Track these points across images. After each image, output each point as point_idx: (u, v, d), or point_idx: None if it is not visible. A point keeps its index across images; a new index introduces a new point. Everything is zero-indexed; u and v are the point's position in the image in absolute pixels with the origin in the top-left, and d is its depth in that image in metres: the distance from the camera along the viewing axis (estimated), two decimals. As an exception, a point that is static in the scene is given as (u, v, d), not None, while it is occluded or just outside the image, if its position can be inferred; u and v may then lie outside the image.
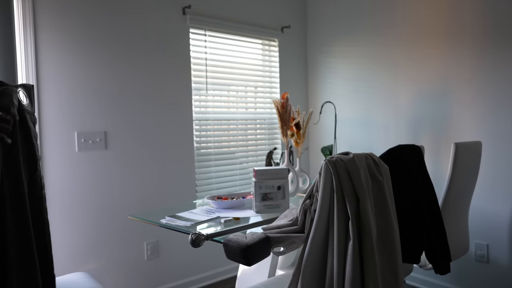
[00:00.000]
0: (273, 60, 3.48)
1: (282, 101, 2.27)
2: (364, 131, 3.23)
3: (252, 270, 2.09)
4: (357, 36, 3.25)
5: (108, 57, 2.56)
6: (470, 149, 2.02)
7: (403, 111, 2.98)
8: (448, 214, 1.91)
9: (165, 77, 2.81)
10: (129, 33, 2.65)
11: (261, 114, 3.42)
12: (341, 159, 1.31)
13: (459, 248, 2.03)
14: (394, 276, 1.33)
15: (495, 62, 2.51)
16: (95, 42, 2.51)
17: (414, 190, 1.57)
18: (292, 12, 3.58)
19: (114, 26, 2.58)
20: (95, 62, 2.51)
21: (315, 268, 1.27)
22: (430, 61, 2.81)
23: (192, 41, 2.94)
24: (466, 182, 2.04)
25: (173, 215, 1.80)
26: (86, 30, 2.47)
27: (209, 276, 3.05)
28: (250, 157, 3.34)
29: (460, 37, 2.66)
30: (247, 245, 1.26)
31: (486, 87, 2.56)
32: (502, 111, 2.49)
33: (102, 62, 2.53)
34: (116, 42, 2.59)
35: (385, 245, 1.34)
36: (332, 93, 3.45)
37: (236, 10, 3.18)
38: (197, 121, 2.99)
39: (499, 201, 2.52)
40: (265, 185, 1.82)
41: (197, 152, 2.99)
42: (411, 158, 1.62)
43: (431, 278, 2.80)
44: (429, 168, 2.78)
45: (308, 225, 1.30)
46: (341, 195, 1.27)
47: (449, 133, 2.73)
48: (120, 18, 2.61)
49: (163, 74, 2.80)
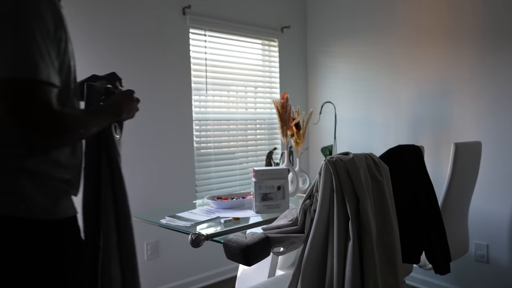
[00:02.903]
0: (273, 60, 3.48)
1: (282, 101, 2.27)
2: (364, 131, 3.23)
3: (252, 270, 2.09)
4: (357, 36, 3.25)
5: (108, 56, 2.56)
6: (470, 149, 2.02)
7: (403, 111, 2.98)
8: (448, 214, 1.91)
9: (165, 77, 2.81)
10: (129, 33, 2.64)
11: (261, 114, 3.42)
12: (341, 159, 1.31)
13: (459, 248, 2.03)
14: (394, 276, 1.33)
15: (495, 62, 2.51)
16: (97, 41, 2.51)
17: (414, 190, 1.57)
18: (292, 12, 3.58)
19: (114, 26, 2.58)
20: (96, 60, 2.51)
21: (315, 268, 1.27)
22: (430, 61, 2.81)
23: (192, 41, 2.94)
24: (466, 182, 2.04)
25: (173, 215, 1.80)
26: (88, 28, 2.47)
27: (209, 276, 3.05)
28: (250, 157, 3.34)
29: (459, 37, 2.66)
30: (247, 245, 1.26)
31: (485, 87, 2.56)
32: (502, 111, 2.49)
33: (102, 60, 2.53)
34: (116, 42, 2.59)
35: (385, 245, 1.34)
36: (332, 93, 3.45)
37: (236, 10, 3.18)
38: (197, 121, 2.99)
39: (499, 201, 2.52)
40: (265, 185, 1.82)
41: (197, 152, 2.99)
42: (411, 158, 1.62)
43: (431, 278, 2.80)
44: (429, 168, 2.77)
45: (308, 225, 1.30)
46: (341, 195, 1.27)
47: (449, 133, 2.73)
48: (120, 18, 2.61)
49: (163, 74, 2.80)
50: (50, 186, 0.99)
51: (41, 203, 0.96)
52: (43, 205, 0.96)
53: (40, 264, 0.95)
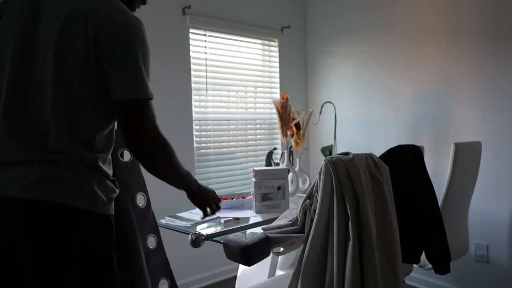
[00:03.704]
0: (273, 60, 3.48)
1: (282, 101, 2.27)
2: (364, 131, 3.23)
3: (252, 270, 2.09)
4: (357, 36, 3.25)
5: (108, 57, 2.56)
6: (470, 149, 2.02)
7: (403, 111, 2.98)
8: (448, 214, 1.91)
9: (165, 77, 2.81)
10: (129, 33, 2.64)
11: (261, 114, 3.42)
12: (341, 159, 1.31)
13: (459, 248, 2.03)
14: (394, 276, 1.33)
15: (497, 62, 2.50)
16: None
17: (414, 190, 1.57)
18: (292, 12, 3.58)
19: (114, 26, 2.58)
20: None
21: (315, 268, 1.27)
22: (431, 60, 2.81)
23: (192, 41, 2.94)
24: (466, 182, 2.04)
25: (173, 215, 1.81)
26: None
27: (209, 276, 3.05)
28: (250, 157, 3.34)
29: (461, 36, 2.66)
30: (247, 245, 1.26)
31: (487, 87, 2.56)
32: (503, 111, 2.49)
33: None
34: (116, 42, 2.59)
35: (384, 245, 1.34)
36: (332, 93, 3.45)
37: (236, 10, 3.18)
38: (197, 121, 2.99)
39: (499, 201, 2.52)
40: (265, 185, 1.82)
41: (197, 152, 2.99)
42: (411, 158, 1.62)
43: (431, 278, 2.80)
44: (429, 168, 2.76)
45: (308, 225, 1.30)
46: (341, 195, 1.27)
47: (449, 133, 2.73)
48: (120, 18, 2.60)
49: (163, 74, 2.80)
50: (106, 184, 1.12)
51: (102, 198, 1.08)
52: (103, 201, 1.08)
53: (97, 252, 1.07)
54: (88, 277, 1.04)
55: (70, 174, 1.04)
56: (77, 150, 1.05)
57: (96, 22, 1.03)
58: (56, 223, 1.00)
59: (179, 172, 1.29)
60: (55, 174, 1.02)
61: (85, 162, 1.06)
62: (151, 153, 1.15)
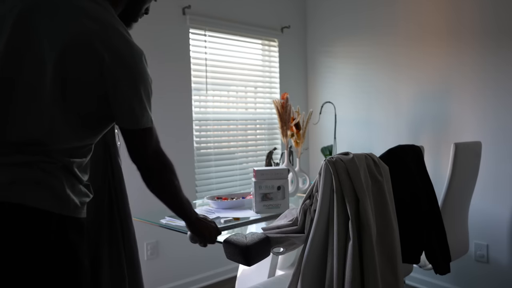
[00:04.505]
0: (273, 60, 3.48)
1: (282, 101, 2.27)
2: (364, 131, 3.23)
3: (252, 270, 2.09)
4: (357, 36, 3.25)
5: (108, 57, 2.56)
6: (470, 149, 2.02)
7: (403, 111, 2.98)
8: (448, 214, 1.91)
9: (165, 77, 2.81)
10: (129, 33, 2.64)
11: (261, 114, 3.42)
12: (341, 159, 1.31)
13: (459, 248, 2.03)
14: (394, 276, 1.33)
15: (498, 61, 2.50)
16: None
17: (414, 190, 1.57)
18: (292, 12, 3.58)
19: (114, 26, 2.58)
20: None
21: (315, 268, 1.27)
22: (431, 60, 2.81)
23: (192, 41, 2.94)
24: (466, 182, 2.04)
25: (173, 215, 1.80)
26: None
27: (209, 276, 3.05)
28: (250, 157, 3.34)
29: (462, 35, 2.66)
30: (247, 245, 1.26)
31: (487, 87, 2.55)
32: (504, 111, 2.49)
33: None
34: (116, 42, 2.59)
35: (384, 245, 1.34)
36: (332, 93, 3.45)
37: (236, 10, 3.18)
38: (197, 121, 2.99)
39: (499, 201, 2.52)
40: (265, 185, 1.82)
41: (197, 152, 2.99)
42: (411, 158, 1.62)
43: (431, 278, 2.80)
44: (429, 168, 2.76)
45: (308, 225, 1.30)
46: (341, 195, 1.27)
47: (449, 133, 2.73)
48: (120, 18, 2.60)
49: (163, 74, 2.80)
50: (80, 189, 1.11)
51: (74, 201, 1.07)
52: (75, 204, 1.07)
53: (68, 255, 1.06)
54: (58, 279, 1.03)
55: (42, 176, 1.02)
56: (52, 153, 1.04)
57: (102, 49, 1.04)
58: (27, 227, 0.99)
59: (179, 195, 1.38)
60: (27, 176, 1.01)
61: (59, 165, 1.05)
62: (151, 174, 1.26)
